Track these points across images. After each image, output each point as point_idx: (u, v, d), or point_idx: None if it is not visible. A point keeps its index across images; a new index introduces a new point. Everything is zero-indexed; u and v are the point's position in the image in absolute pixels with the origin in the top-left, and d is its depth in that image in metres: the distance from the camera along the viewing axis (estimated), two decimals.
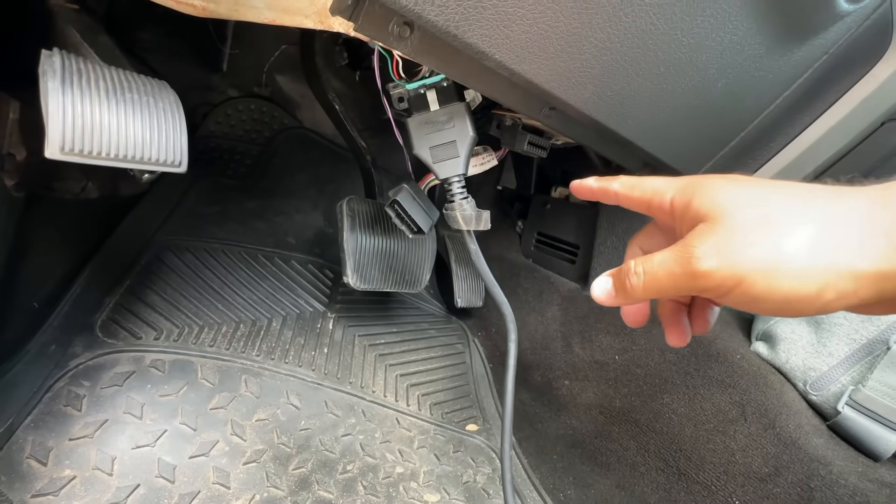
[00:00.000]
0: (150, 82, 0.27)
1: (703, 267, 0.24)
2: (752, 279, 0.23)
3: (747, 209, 0.24)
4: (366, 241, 0.63)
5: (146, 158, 0.25)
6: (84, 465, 0.44)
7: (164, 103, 0.26)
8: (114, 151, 0.24)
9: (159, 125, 0.25)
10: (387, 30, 0.33)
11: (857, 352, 0.56)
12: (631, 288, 0.28)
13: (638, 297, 0.28)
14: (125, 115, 0.24)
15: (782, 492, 0.52)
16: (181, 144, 0.26)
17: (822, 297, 0.22)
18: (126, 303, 0.58)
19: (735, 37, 0.43)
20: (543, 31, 0.34)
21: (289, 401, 0.59)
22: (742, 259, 0.23)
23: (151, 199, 0.70)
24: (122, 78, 0.26)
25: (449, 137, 0.47)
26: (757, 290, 0.23)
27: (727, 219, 0.24)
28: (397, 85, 0.49)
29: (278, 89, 0.89)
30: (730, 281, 0.23)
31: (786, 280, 0.22)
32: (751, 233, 0.23)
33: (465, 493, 0.62)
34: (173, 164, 0.26)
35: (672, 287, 0.26)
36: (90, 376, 0.50)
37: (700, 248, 0.24)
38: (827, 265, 0.22)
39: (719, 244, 0.24)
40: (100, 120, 0.23)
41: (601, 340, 0.72)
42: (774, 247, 0.22)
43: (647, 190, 0.30)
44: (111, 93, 0.24)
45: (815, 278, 0.22)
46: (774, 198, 0.24)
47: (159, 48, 0.74)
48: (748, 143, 0.59)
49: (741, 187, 0.25)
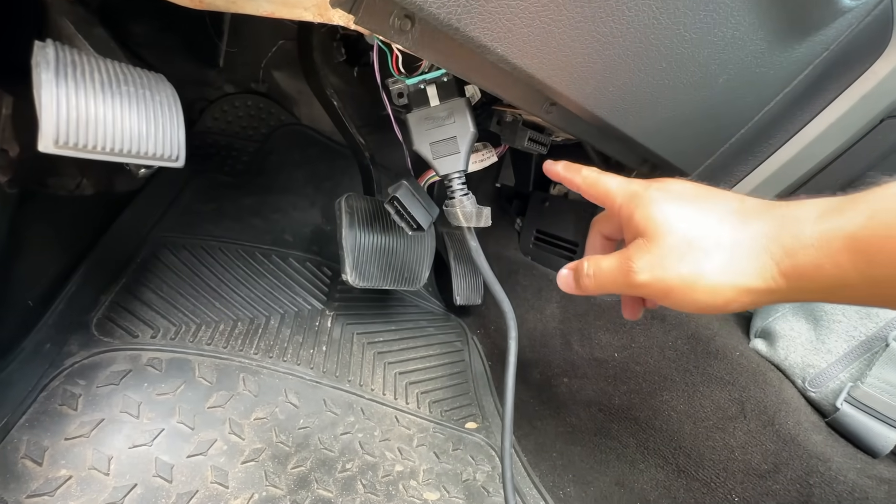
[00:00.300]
0: (147, 75, 0.26)
1: (639, 280, 0.31)
2: (676, 291, 0.30)
3: (676, 233, 0.30)
4: (364, 239, 0.62)
5: (142, 152, 0.24)
6: (80, 465, 0.43)
7: (161, 96, 0.26)
8: (109, 145, 0.23)
9: (156, 119, 0.25)
10: (387, 23, 0.32)
11: (856, 349, 0.56)
12: (585, 286, 0.36)
13: (591, 293, 0.36)
14: (121, 108, 0.24)
15: (781, 488, 0.52)
16: (178, 138, 0.26)
17: (729, 306, 0.29)
18: (122, 301, 0.57)
19: (737, 32, 0.43)
20: (546, 25, 0.34)
21: (287, 399, 0.59)
22: (669, 276, 0.30)
23: (147, 196, 0.70)
24: (117, 70, 0.25)
25: (449, 133, 0.47)
26: (680, 300, 0.30)
27: (660, 239, 0.30)
28: (397, 80, 0.48)
29: (275, 85, 0.88)
30: (660, 292, 0.31)
31: (701, 294, 0.29)
32: (677, 254, 0.30)
33: (464, 490, 0.62)
34: (170, 158, 0.26)
35: (615, 289, 0.34)
36: (86, 375, 0.49)
37: (637, 263, 0.31)
38: (732, 283, 0.28)
39: (653, 262, 0.30)
40: (95, 113, 0.23)
41: (600, 338, 0.72)
42: (694, 268, 0.29)
43: (601, 191, 0.37)
44: (106, 85, 0.24)
45: (723, 293, 0.29)
46: (697, 223, 0.30)
47: (155, 43, 0.73)
48: (748, 139, 0.58)
49: (674, 208, 0.31)
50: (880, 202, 0.25)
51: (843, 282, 0.26)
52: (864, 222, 0.25)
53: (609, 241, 0.41)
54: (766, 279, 0.28)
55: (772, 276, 0.28)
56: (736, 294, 0.29)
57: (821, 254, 0.26)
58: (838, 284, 0.26)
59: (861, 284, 0.25)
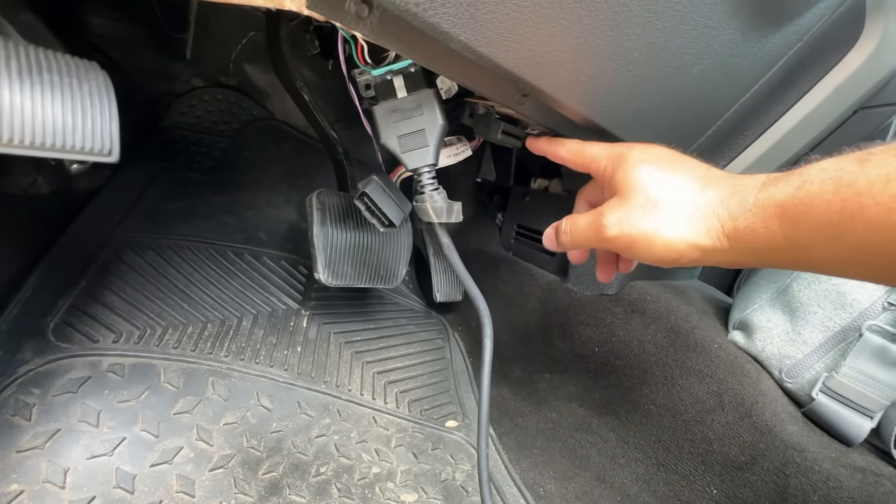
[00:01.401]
0: (76, 62, 0.24)
1: (608, 234, 0.35)
2: (638, 244, 0.34)
3: (644, 192, 0.34)
4: (337, 236, 0.61)
5: (68, 146, 0.22)
6: (33, 479, 0.41)
7: (91, 85, 0.24)
8: (28, 139, 0.21)
9: (83, 109, 0.23)
10: (343, 8, 0.30)
11: (831, 339, 0.56)
12: (562, 241, 0.41)
13: (568, 248, 0.41)
14: (41, 98, 0.22)
15: (759, 480, 0.52)
16: (110, 131, 0.24)
17: (681, 260, 0.34)
18: (82, 304, 0.55)
19: (710, 21, 0.42)
20: (511, 12, 0.32)
21: (259, 402, 0.57)
22: (634, 230, 0.34)
23: (109, 195, 0.67)
24: (40, 57, 0.23)
25: (417, 126, 0.45)
26: (640, 252, 0.35)
27: (631, 198, 0.35)
28: (363, 71, 0.47)
29: (246, 79, 0.85)
30: (624, 244, 0.35)
31: (658, 247, 0.34)
32: (643, 212, 0.34)
33: (443, 491, 0.61)
34: (101, 152, 0.24)
35: (588, 243, 0.39)
36: (41, 383, 0.47)
37: (608, 218, 0.35)
38: (684, 240, 0.33)
39: (621, 217, 0.35)
40: (10, 103, 0.21)
41: (581, 333, 0.72)
42: (654, 224, 0.33)
43: (586, 158, 0.41)
44: (24, 73, 0.21)
45: (676, 248, 0.33)
46: (665, 185, 0.34)
47: (114, 34, 0.70)
48: (725, 131, 0.58)
49: (649, 169, 0.35)
50: (808, 175, 0.28)
51: (773, 245, 0.29)
52: (793, 192, 0.28)
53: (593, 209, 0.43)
54: (713, 239, 0.32)
55: (717, 236, 0.32)
56: (687, 249, 0.33)
57: (756, 219, 0.30)
58: (769, 248, 0.29)
59: (787, 248, 0.29)
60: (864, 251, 0.26)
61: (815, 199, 0.27)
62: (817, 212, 0.27)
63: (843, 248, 0.26)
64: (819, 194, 0.27)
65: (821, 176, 0.27)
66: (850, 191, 0.25)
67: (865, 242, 0.25)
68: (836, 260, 0.27)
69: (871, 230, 0.25)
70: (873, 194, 0.24)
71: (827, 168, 0.27)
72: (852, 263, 0.27)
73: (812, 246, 0.27)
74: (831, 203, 0.26)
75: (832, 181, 0.26)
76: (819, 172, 0.27)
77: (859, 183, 0.25)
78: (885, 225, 0.24)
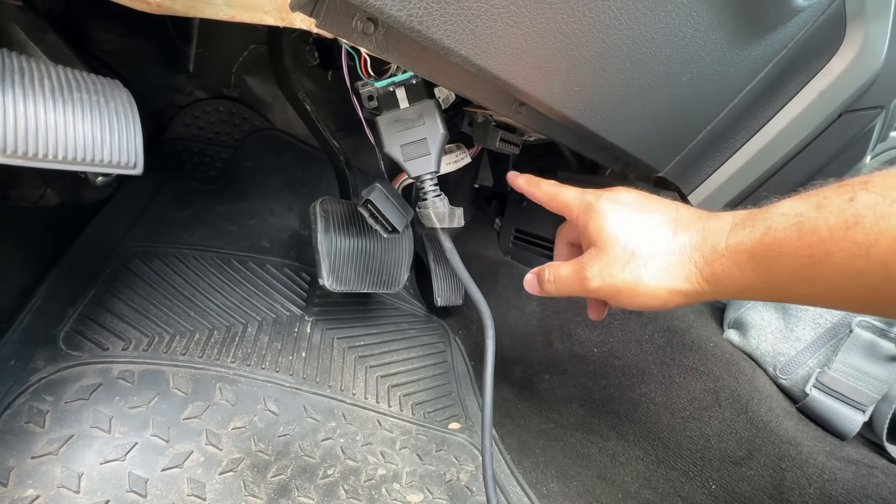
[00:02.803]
0: (101, 81, 0.26)
1: (591, 286, 0.37)
2: (622, 294, 0.35)
3: (620, 243, 0.35)
4: (340, 243, 0.62)
5: (97, 160, 0.24)
6: (48, 484, 0.42)
7: (116, 102, 0.25)
8: (61, 153, 0.23)
9: (111, 125, 0.24)
10: (350, 26, 0.32)
11: (823, 335, 0.58)
12: (546, 290, 0.42)
13: (552, 295, 0.41)
14: (73, 116, 0.23)
15: (756, 474, 0.53)
16: (135, 145, 0.25)
17: (666, 305, 0.35)
18: (91, 313, 0.56)
19: (697, 32, 0.44)
20: (509, 27, 0.34)
21: (266, 407, 0.58)
22: (616, 282, 0.35)
23: (116, 205, 0.68)
24: (69, 77, 0.24)
25: (419, 135, 0.47)
26: (626, 301, 0.36)
27: (608, 249, 0.36)
28: (366, 83, 0.48)
29: (248, 90, 0.87)
30: (609, 295, 0.36)
31: (642, 296, 0.35)
32: (622, 263, 0.35)
33: (448, 491, 0.62)
34: (127, 165, 0.25)
35: (573, 293, 0.39)
36: (53, 391, 0.48)
37: (589, 270, 0.37)
38: (665, 287, 0.34)
39: (602, 269, 0.36)
40: (45, 120, 0.22)
41: (579, 334, 0.73)
42: (635, 274, 0.35)
43: (560, 203, 0.42)
44: (57, 92, 0.23)
45: (659, 296, 0.34)
46: (637, 233, 0.35)
47: (120, 49, 0.72)
48: (715, 136, 0.60)
49: (619, 218, 0.36)
50: (771, 220, 0.29)
51: (750, 286, 0.31)
52: (760, 238, 0.29)
53: (574, 248, 0.45)
54: (693, 283, 0.33)
55: (696, 280, 0.33)
56: (669, 295, 0.34)
57: (731, 263, 0.31)
58: (747, 287, 0.31)
59: (763, 288, 0.30)
60: (835, 292, 0.27)
61: (783, 245, 0.28)
62: (787, 257, 0.28)
63: (815, 289, 0.28)
64: (785, 241, 0.28)
65: (783, 222, 0.28)
66: (814, 237, 0.26)
67: (835, 285, 0.26)
68: (810, 297, 0.29)
69: (839, 274, 0.26)
70: (836, 241, 0.25)
71: (787, 213, 0.28)
72: (826, 300, 0.28)
73: (786, 287, 0.29)
74: (798, 249, 0.27)
75: (795, 227, 0.27)
76: (781, 218, 0.29)
77: (821, 230, 0.26)
78: (852, 270, 0.25)
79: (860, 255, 0.25)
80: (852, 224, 0.25)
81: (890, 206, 0.24)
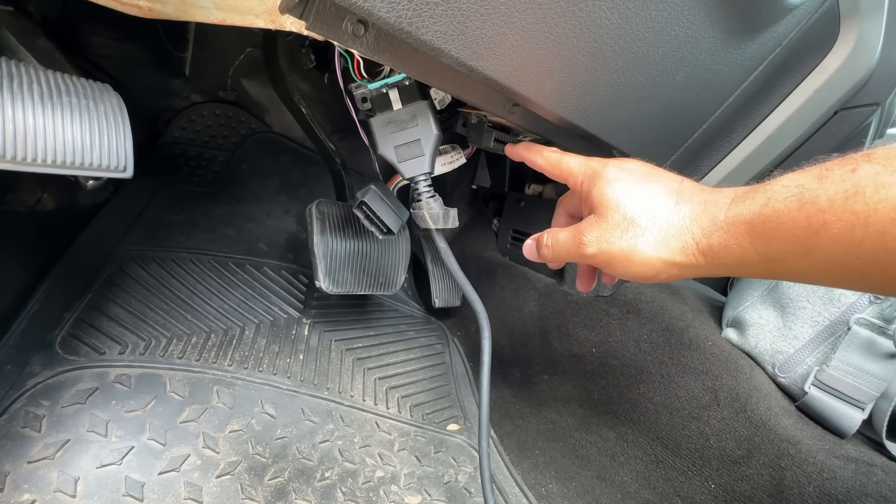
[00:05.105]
0: (91, 85, 0.26)
1: (587, 251, 0.37)
2: (617, 262, 0.35)
3: (620, 211, 0.35)
4: (337, 245, 0.62)
5: (86, 164, 0.24)
6: (44, 489, 0.42)
7: (106, 106, 0.25)
8: (50, 157, 0.23)
9: (100, 129, 0.24)
10: (340, 28, 0.32)
11: (821, 333, 0.58)
12: (544, 254, 0.42)
13: (549, 260, 0.42)
14: (62, 119, 0.23)
15: (755, 473, 0.53)
16: (125, 148, 0.25)
17: (659, 276, 0.35)
18: (88, 317, 0.56)
19: (689, 31, 0.44)
20: (499, 27, 0.34)
21: (264, 410, 0.58)
22: (612, 249, 0.35)
23: (112, 209, 0.68)
24: (59, 81, 0.24)
25: (413, 136, 0.47)
26: (619, 269, 0.36)
27: (608, 216, 0.36)
28: (359, 85, 0.48)
29: (244, 93, 0.87)
30: (604, 262, 0.36)
31: (636, 265, 0.35)
32: (620, 230, 0.35)
33: (446, 493, 0.61)
34: (117, 169, 0.25)
35: (569, 258, 0.40)
36: (50, 395, 0.48)
37: (587, 236, 0.37)
38: (661, 257, 0.34)
39: (599, 236, 0.36)
40: (34, 124, 0.22)
41: (578, 334, 0.73)
42: (631, 243, 0.34)
43: (563, 170, 0.42)
44: (46, 96, 0.23)
45: (653, 266, 0.34)
46: (639, 202, 0.35)
47: (116, 54, 0.72)
48: (710, 134, 0.60)
49: (623, 186, 0.36)
50: (772, 192, 0.29)
51: (747, 259, 0.30)
52: (760, 210, 0.29)
53: (573, 219, 0.45)
54: (689, 255, 0.33)
55: (692, 253, 0.33)
56: (664, 266, 0.34)
57: (728, 236, 0.31)
58: (743, 262, 0.31)
59: (760, 262, 0.30)
60: (832, 265, 0.27)
61: (782, 217, 0.28)
62: (784, 228, 0.28)
63: (812, 261, 0.27)
64: (784, 211, 0.28)
65: (783, 193, 0.28)
66: (813, 207, 0.26)
67: (832, 257, 0.26)
68: (807, 271, 0.29)
69: (836, 245, 0.26)
70: (835, 211, 0.25)
71: (788, 185, 0.28)
72: (822, 274, 0.28)
73: (783, 260, 0.29)
74: (797, 220, 0.27)
75: (795, 198, 0.27)
76: (781, 189, 0.28)
77: (820, 200, 0.26)
78: (849, 241, 0.25)
79: (858, 224, 0.24)
80: (852, 194, 0.25)
81: (891, 175, 0.24)
